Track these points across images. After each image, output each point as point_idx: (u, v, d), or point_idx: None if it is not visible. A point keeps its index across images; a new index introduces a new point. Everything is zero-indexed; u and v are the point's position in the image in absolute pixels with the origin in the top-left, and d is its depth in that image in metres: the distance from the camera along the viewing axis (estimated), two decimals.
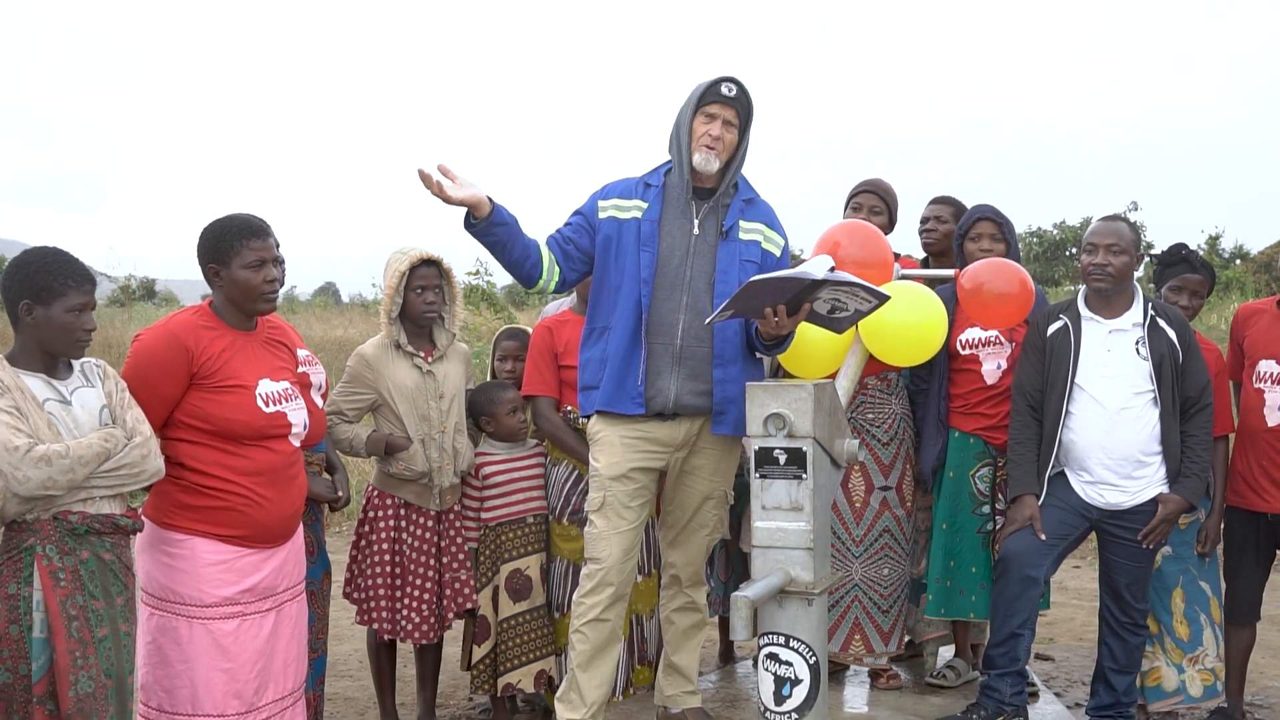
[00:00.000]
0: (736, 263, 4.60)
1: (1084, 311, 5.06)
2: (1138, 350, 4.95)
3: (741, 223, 4.67)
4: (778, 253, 4.74)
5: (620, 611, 4.73)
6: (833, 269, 4.30)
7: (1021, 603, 4.95)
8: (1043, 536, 4.94)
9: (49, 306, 3.64)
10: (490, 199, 4.37)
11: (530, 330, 5.68)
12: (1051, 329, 5.08)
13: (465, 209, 4.36)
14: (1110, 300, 5.02)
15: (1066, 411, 4.98)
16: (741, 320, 4.59)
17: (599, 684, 4.72)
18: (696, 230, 4.62)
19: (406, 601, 5.16)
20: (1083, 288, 5.13)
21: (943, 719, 5.07)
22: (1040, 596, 5.07)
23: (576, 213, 4.76)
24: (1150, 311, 5.00)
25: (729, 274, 4.58)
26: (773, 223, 4.78)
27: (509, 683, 5.32)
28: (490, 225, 4.40)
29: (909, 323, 4.94)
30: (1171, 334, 4.96)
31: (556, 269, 4.65)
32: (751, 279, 4.23)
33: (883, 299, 4.38)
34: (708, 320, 4.47)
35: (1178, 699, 5.32)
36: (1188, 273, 5.48)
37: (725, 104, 4.56)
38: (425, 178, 4.22)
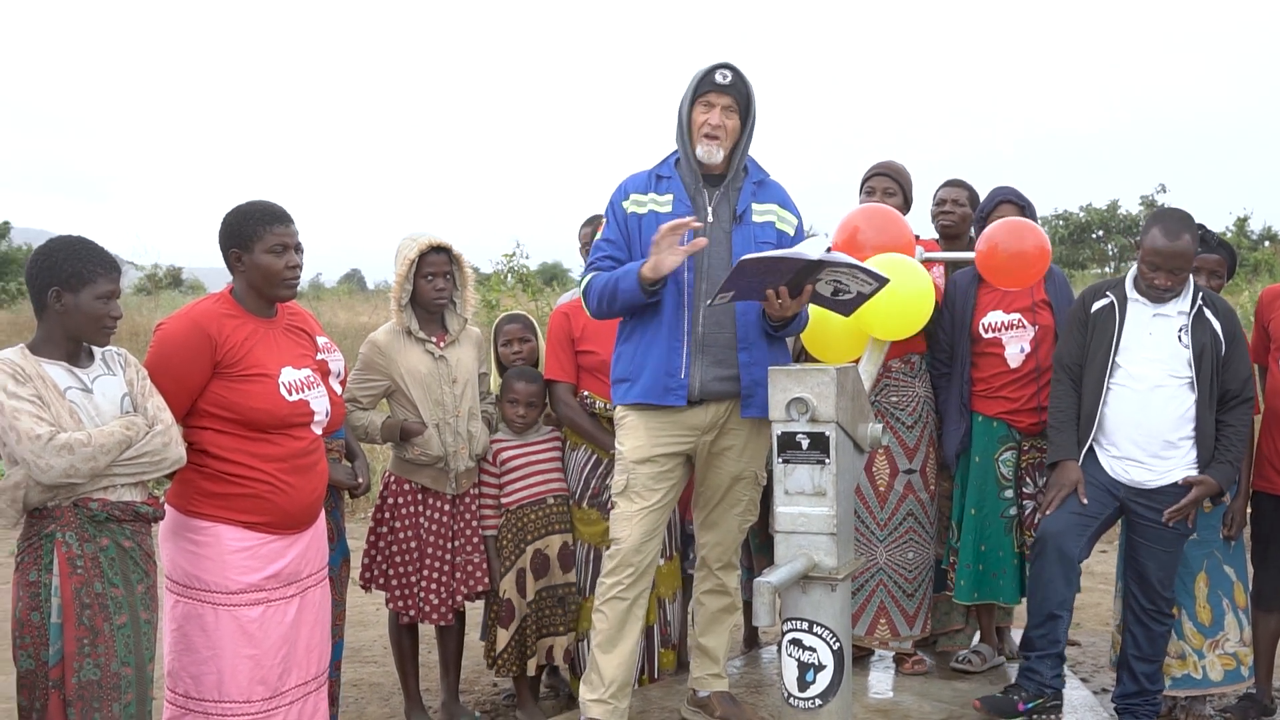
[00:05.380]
0: (752, 246, 4.57)
1: (1131, 294, 5.01)
2: (1179, 338, 4.89)
3: (754, 205, 4.65)
4: (791, 232, 4.72)
5: (640, 592, 4.72)
6: (829, 250, 4.27)
7: (1059, 583, 4.91)
8: (1085, 500, 4.90)
9: (78, 293, 3.65)
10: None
11: (527, 315, 5.72)
12: (1097, 305, 5.05)
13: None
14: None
15: (1107, 389, 4.95)
16: (759, 304, 4.57)
17: (619, 664, 4.71)
18: (710, 218, 4.60)
19: (423, 584, 5.20)
20: (1134, 269, 5.06)
21: (985, 698, 5.03)
22: (1078, 577, 5.03)
23: (606, 234, 4.73)
24: (1199, 302, 4.94)
25: None
26: (785, 202, 4.75)
27: (537, 662, 5.40)
28: (659, 292, 4.52)
29: (895, 294, 4.85)
30: (1216, 325, 4.90)
31: None
32: (743, 258, 4.20)
33: (882, 281, 4.34)
34: (708, 303, 4.47)
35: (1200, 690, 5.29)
36: (1204, 253, 5.42)
37: (721, 92, 4.55)
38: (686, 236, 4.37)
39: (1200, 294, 4.98)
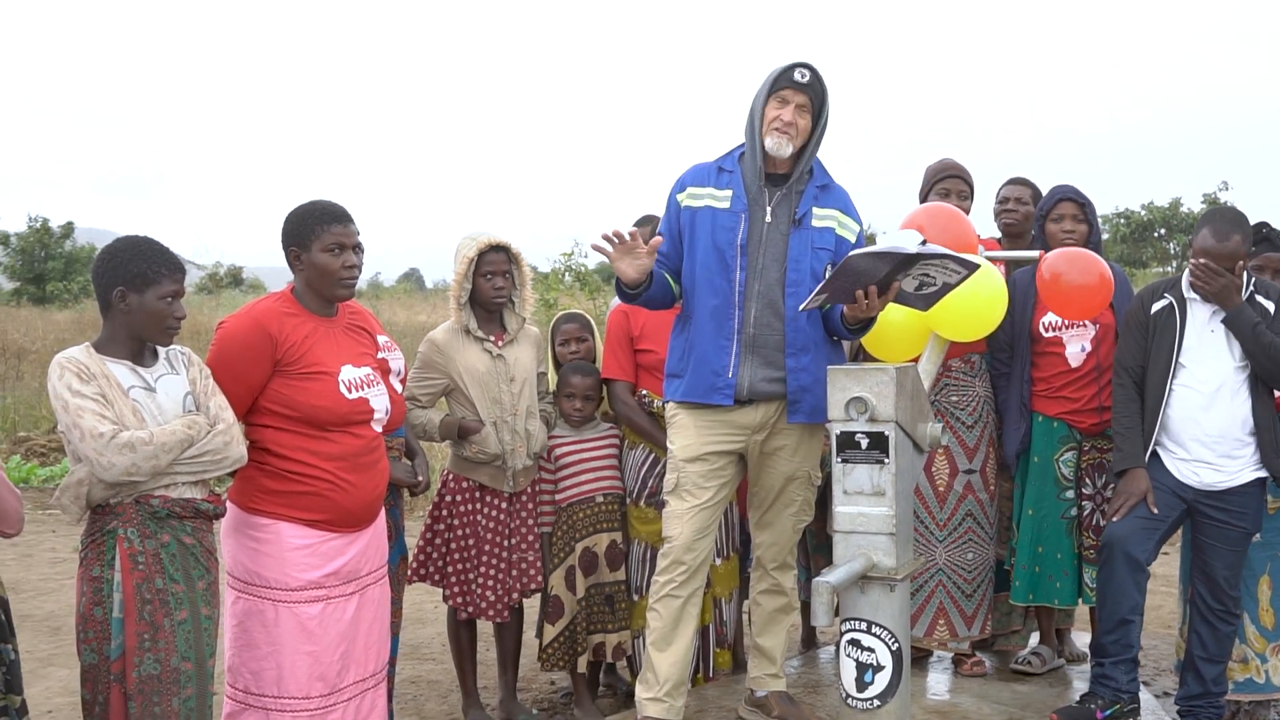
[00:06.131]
0: (809, 250, 4.58)
1: (1189, 294, 4.96)
2: None
3: (815, 210, 4.63)
4: (852, 239, 4.70)
5: (694, 590, 4.73)
6: (923, 243, 4.26)
7: (1129, 588, 4.87)
8: (1155, 510, 4.86)
9: (143, 293, 3.68)
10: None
11: (585, 314, 5.73)
12: (1156, 307, 5.00)
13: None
14: None
15: (1170, 390, 4.90)
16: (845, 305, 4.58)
17: (673, 662, 4.72)
18: (769, 218, 4.59)
19: (480, 581, 5.21)
20: (1188, 269, 5.02)
21: (1061, 710, 5.01)
22: (1146, 580, 4.98)
23: (661, 228, 4.78)
24: (1250, 289, 4.90)
25: (801, 262, 4.56)
26: (847, 209, 4.74)
27: (588, 659, 5.42)
28: (643, 293, 4.64)
29: (970, 296, 4.82)
30: (1269, 306, 4.85)
31: (678, 286, 4.75)
32: (850, 254, 4.20)
33: (972, 269, 4.34)
34: (801, 306, 4.46)
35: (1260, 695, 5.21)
36: (1270, 251, 5.35)
37: (798, 89, 4.53)
38: (615, 238, 4.44)
39: (1252, 281, 4.92)
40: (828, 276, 4.28)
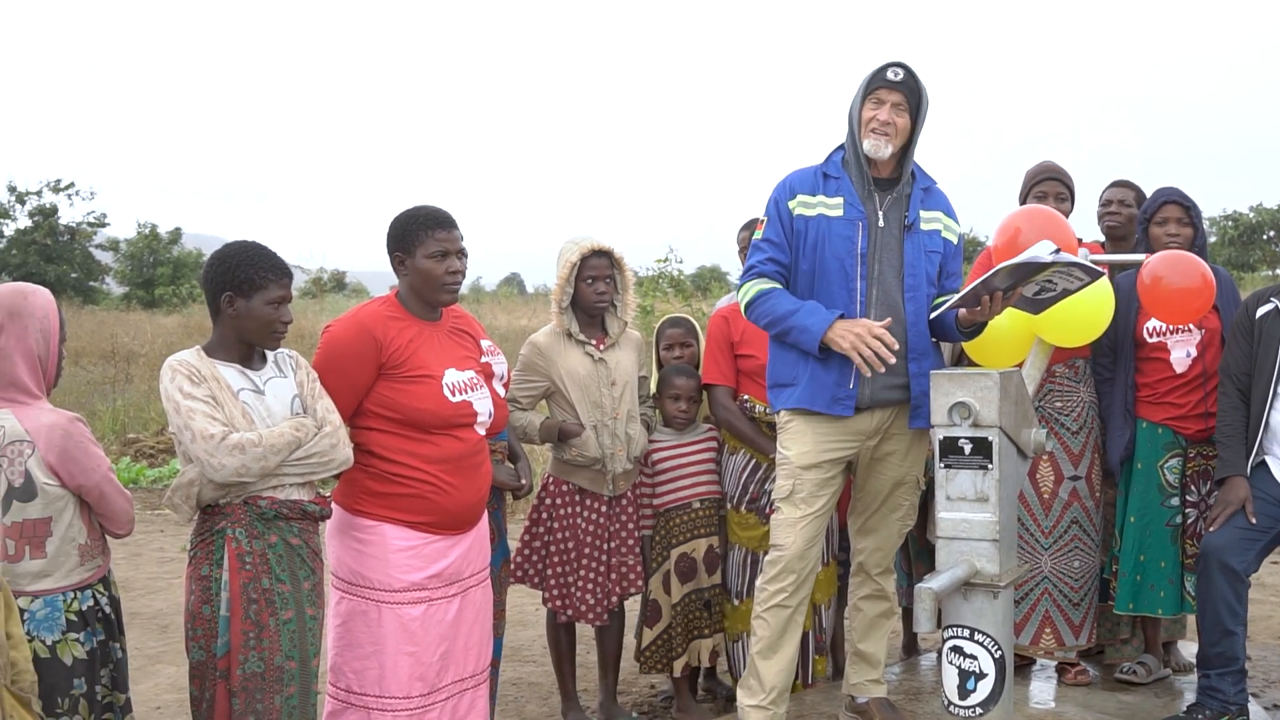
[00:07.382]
0: (922, 254, 4.57)
1: None
2: None
3: (922, 213, 4.62)
4: (955, 240, 4.71)
5: (802, 598, 4.71)
6: (1056, 251, 4.24)
7: (1228, 598, 4.79)
8: (1253, 520, 4.78)
9: (249, 299, 3.74)
10: None
11: (690, 319, 5.71)
12: (1261, 311, 4.93)
13: None
14: None
15: (1274, 394, 4.82)
16: (926, 312, 4.56)
17: (779, 670, 4.72)
18: (881, 223, 4.57)
19: (579, 584, 5.23)
20: None
21: (1168, 719, 4.94)
22: (1247, 590, 4.90)
23: (768, 234, 4.69)
24: None
25: (916, 266, 4.55)
26: (949, 210, 4.74)
27: (685, 663, 5.41)
28: None
29: (1077, 301, 4.73)
30: None
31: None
32: (998, 268, 4.21)
33: (1096, 276, 4.33)
34: (935, 314, 4.50)
35: None
36: None
37: (892, 88, 4.51)
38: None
39: None
40: (970, 287, 4.28)
